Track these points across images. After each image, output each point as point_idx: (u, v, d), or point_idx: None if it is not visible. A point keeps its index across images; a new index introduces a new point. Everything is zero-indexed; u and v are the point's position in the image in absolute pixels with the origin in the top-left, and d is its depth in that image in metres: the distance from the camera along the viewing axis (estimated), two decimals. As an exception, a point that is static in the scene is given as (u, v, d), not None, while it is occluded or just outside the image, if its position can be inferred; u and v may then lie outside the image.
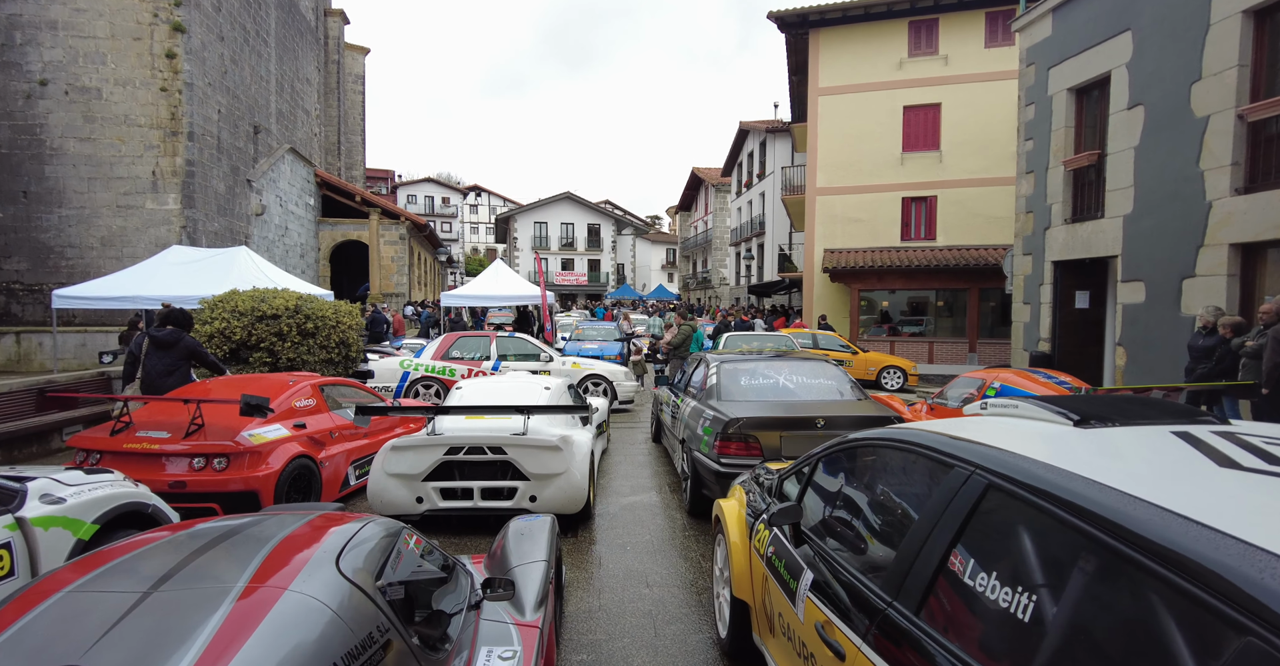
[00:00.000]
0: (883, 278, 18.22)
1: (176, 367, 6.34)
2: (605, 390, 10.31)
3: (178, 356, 6.36)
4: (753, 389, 5.39)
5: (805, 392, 5.34)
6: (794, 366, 5.67)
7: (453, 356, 9.98)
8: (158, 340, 6.35)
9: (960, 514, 1.55)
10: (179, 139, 17.17)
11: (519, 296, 17.20)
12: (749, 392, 5.35)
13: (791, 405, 5.12)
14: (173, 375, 6.28)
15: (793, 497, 2.59)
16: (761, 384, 5.45)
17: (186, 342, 6.41)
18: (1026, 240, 11.90)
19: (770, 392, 5.38)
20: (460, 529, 5.03)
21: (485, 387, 5.99)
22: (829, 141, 19.66)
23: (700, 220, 46.79)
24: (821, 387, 5.40)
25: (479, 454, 4.84)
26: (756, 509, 2.91)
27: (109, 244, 16.94)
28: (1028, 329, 11.91)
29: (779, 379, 5.48)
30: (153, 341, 6.38)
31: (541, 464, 4.81)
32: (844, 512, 2.25)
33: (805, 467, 2.61)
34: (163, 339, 6.34)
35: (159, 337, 6.35)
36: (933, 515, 1.65)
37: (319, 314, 9.73)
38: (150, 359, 6.35)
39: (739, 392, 5.35)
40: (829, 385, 5.44)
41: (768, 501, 2.83)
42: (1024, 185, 11.97)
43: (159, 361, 6.31)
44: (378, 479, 4.92)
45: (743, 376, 5.53)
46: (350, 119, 46.54)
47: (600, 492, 6.09)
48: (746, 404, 5.09)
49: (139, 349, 6.54)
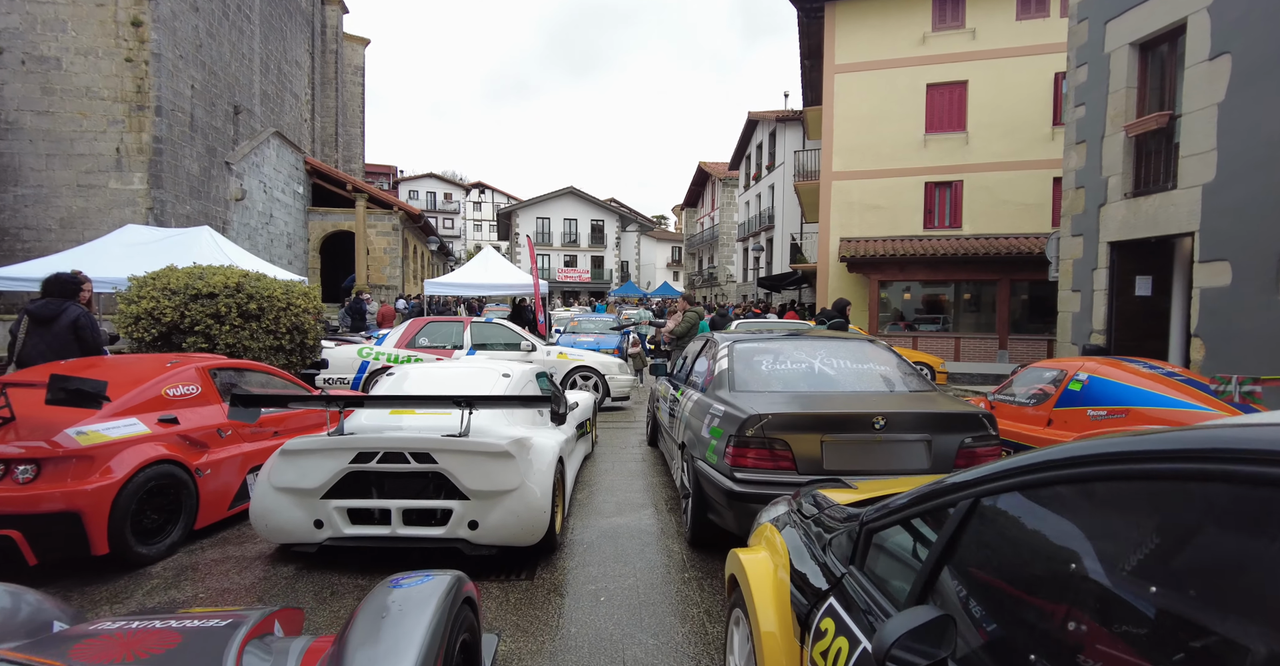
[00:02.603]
0: (904, 268, 16.81)
1: (63, 347, 5.15)
2: (596, 384, 8.97)
3: (62, 334, 5.16)
4: (778, 376, 4.05)
5: (850, 381, 3.98)
6: (831, 347, 4.31)
7: (419, 345, 8.66)
8: (36, 314, 5.17)
9: None
10: (145, 114, 15.94)
11: (510, 286, 15.89)
12: (773, 380, 4.01)
13: (834, 397, 3.78)
14: (59, 357, 5.04)
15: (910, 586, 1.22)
16: (790, 370, 4.09)
17: (70, 314, 5.19)
18: (1076, 220, 10.50)
19: (802, 380, 4.03)
20: (376, 564, 3.69)
21: (426, 375, 4.66)
22: (846, 123, 18.28)
23: (706, 216, 45.42)
24: (871, 375, 4.04)
25: (399, 462, 3.51)
26: (814, 585, 1.56)
27: (69, 226, 15.72)
28: (1077, 320, 10.51)
29: (813, 363, 4.12)
30: (31, 317, 5.21)
31: (484, 476, 3.48)
32: (1077, 627, 0.89)
33: (946, 508, 1.26)
34: (40, 312, 5.15)
35: (36, 311, 5.17)
36: None
37: (265, 294, 8.43)
38: (30, 339, 5.18)
39: (759, 380, 4.01)
40: (881, 371, 4.09)
41: (840, 573, 1.49)
42: (1073, 158, 10.58)
43: (39, 341, 5.14)
44: (262, 495, 3.60)
45: (764, 359, 4.18)
46: (349, 111, 45.55)
47: (577, 510, 4.74)
48: (770, 396, 3.76)
49: (18, 328, 5.34)
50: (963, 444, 3.31)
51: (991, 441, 3.36)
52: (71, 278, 5.50)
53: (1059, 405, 5.15)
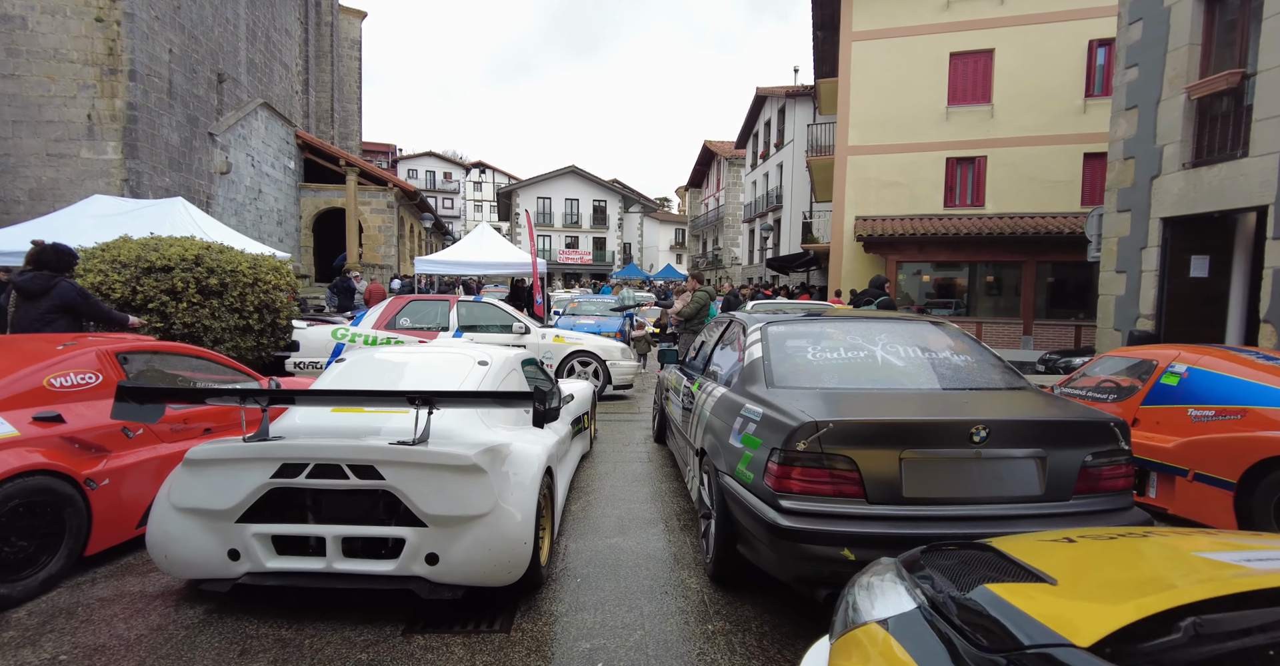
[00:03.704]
0: (924, 248, 15.88)
1: (51, 323, 4.84)
2: (596, 371, 8.14)
3: (51, 309, 4.85)
4: (830, 368, 3.13)
5: (924, 375, 3.10)
6: (892, 330, 3.39)
7: (400, 326, 7.81)
8: (23, 288, 4.86)
9: None
10: (118, 78, 14.95)
11: (507, 264, 15.01)
12: (823, 374, 3.10)
13: (911, 398, 2.92)
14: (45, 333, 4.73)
15: None
16: (845, 360, 3.17)
17: (61, 289, 4.87)
18: (1123, 194, 9.57)
19: (863, 374, 3.11)
20: (307, 607, 2.88)
21: (384, 362, 3.81)
22: (863, 95, 17.22)
23: (711, 197, 44.29)
24: (949, 366, 3.17)
25: (335, 477, 2.69)
26: None
27: (39, 198, 14.81)
28: (1121, 304, 9.63)
29: (873, 351, 3.21)
30: (19, 291, 4.92)
31: (446, 497, 2.67)
32: None
33: None
34: (28, 286, 4.83)
35: (23, 285, 4.86)
36: None
37: (228, 268, 7.58)
38: (19, 314, 4.91)
39: (805, 374, 3.11)
40: (961, 362, 3.21)
41: None
42: (1122, 125, 9.62)
43: (27, 316, 4.85)
44: (161, 518, 2.80)
45: (809, 346, 3.28)
46: (346, 86, 44.43)
47: (571, 526, 3.93)
48: (824, 395, 2.88)
49: (6, 301, 5.18)
50: (1085, 463, 2.48)
51: (1121, 458, 2.53)
52: (66, 249, 5.12)
53: (1148, 402, 4.31)
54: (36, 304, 4.85)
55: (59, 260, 5.02)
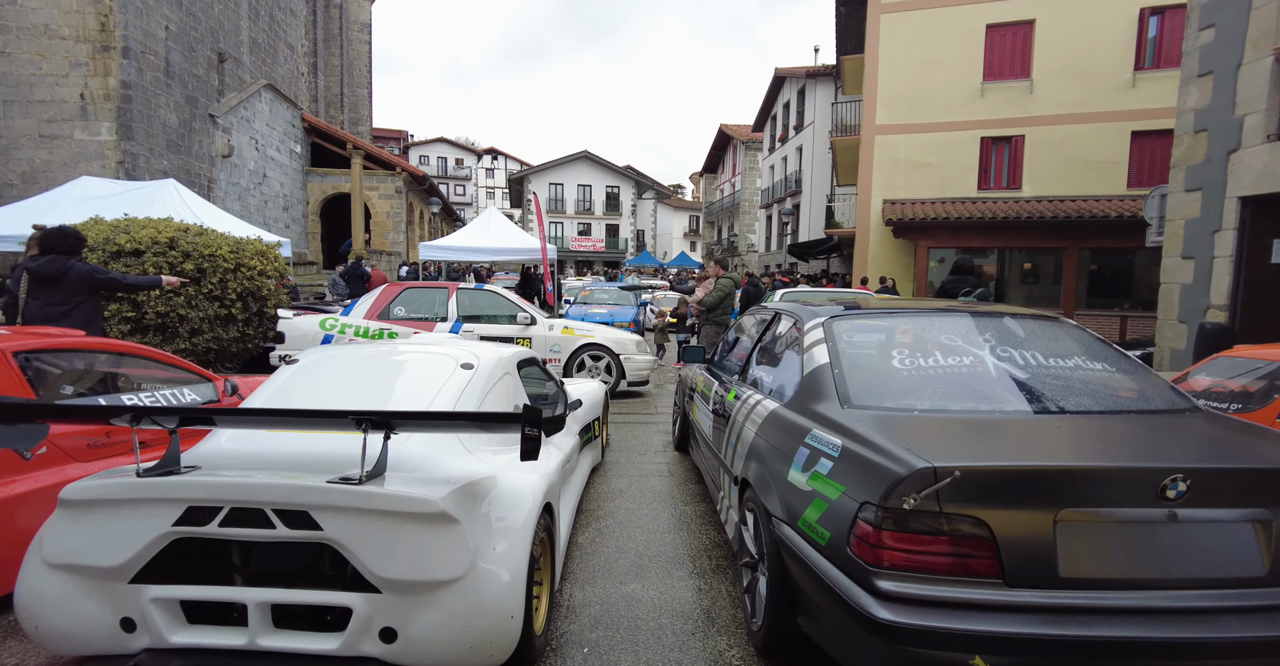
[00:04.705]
0: (957, 233, 14.95)
1: (73, 306, 4.84)
2: (608, 366, 7.41)
3: (71, 291, 4.83)
4: (926, 381, 2.31)
5: (1061, 392, 2.29)
6: (999, 328, 2.57)
7: (395, 315, 7.12)
8: (37, 273, 4.78)
9: None
10: (111, 55, 14.32)
11: (515, 250, 14.29)
12: (918, 389, 2.29)
13: (1055, 428, 2.09)
14: (69, 317, 4.75)
15: None
16: (944, 370, 2.34)
17: (77, 271, 4.84)
18: (1193, 171, 8.65)
19: (975, 391, 2.27)
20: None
21: (346, 364, 3.08)
22: (892, 71, 16.23)
23: (727, 182, 43.22)
24: (1093, 381, 2.38)
25: (258, 526, 1.99)
26: None
27: (32, 180, 14.26)
28: (1188, 293, 8.74)
29: (981, 355, 2.38)
30: (32, 277, 4.81)
31: (404, 555, 1.97)
32: None
33: None
34: (42, 271, 4.76)
35: (37, 270, 4.77)
36: None
37: (206, 252, 6.92)
38: (34, 300, 4.82)
39: (893, 388, 2.32)
40: (1106, 375, 2.42)
41: None
42: (1192, 95, 8.68)
43: (46, 301, 4.81)
44: (32, 577, 2.13)
45: (893, 349, 2.50)
46: (356, 70, 43.81)
47: (576, 564, 3.22)
48: (936, 425, 2.08)
49: (18, 287, 4.92)
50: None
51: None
52: (72, 232, 5.02)
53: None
54: (54, 290, 4.80)
55: (66, 243, 4.93)
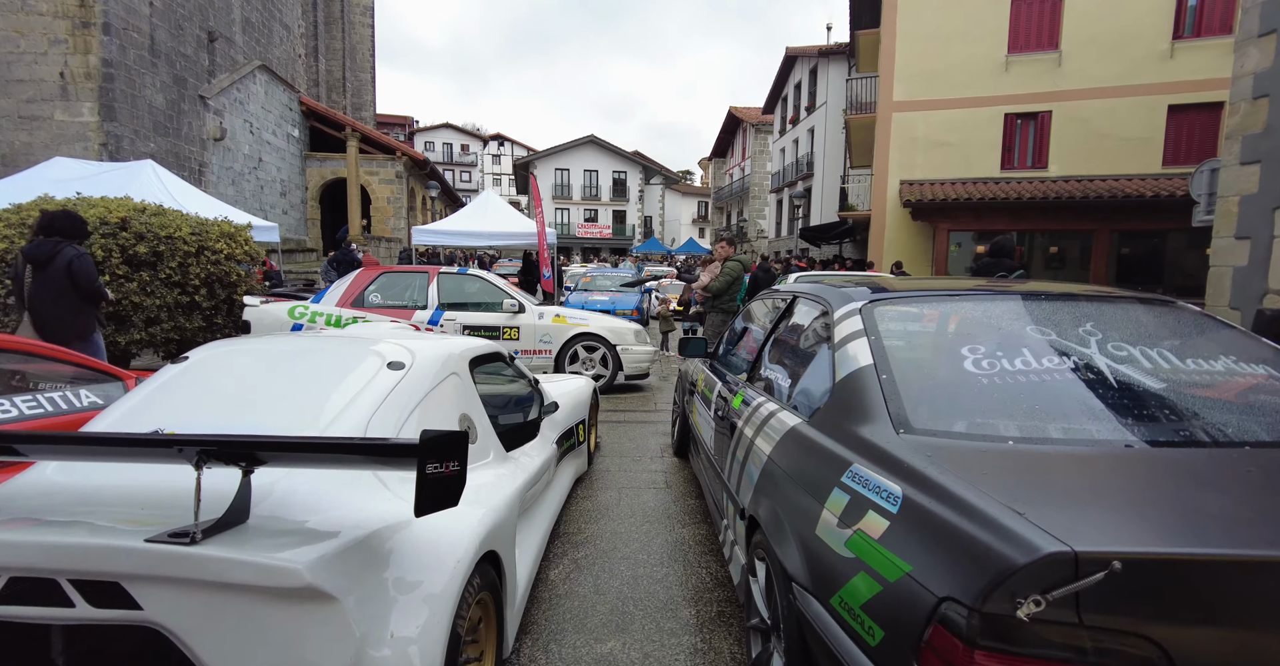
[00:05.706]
0: (980, 216, 14.16)
1: (60, 294, 4.67)
2: (604, 358, 6.77)
3: (57, 279, 4.65)
4: (1022, 396, 1.52)
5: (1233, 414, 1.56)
6: (1100, 315, 1.85)
7: (370, 303, 6.51)
8: (31, 255, 4.69)
9: None
10: (92, 32, 13.70)
11: (515, 235, 13.63)
12: (1014, 408, 1.49)
13: (1254, 474, 1.32)
14: (59, 304, 4.65)
15: None
16: (1039, 375, 1.55)
17: (64, 256, 4.67)
18: (1250, 142, 7.86)
19: (1106, 413, 1.47)
20: None
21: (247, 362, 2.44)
22: (910, 44, 15.35)
23: (736, 166, 42.26)
24: (1252, 390, 1.68)
25: (52, 603, 1.36)
26: None
27: (11, 163, 13.70)
28: (1241, 277, 7.98)
29: (1087, 352, 1.64)
30: (28, 260, 4.71)
31: (254, 649, 1.32)
32: None
33: None
34: (35, 253, 4.67)
35: (31, 252, 4.70)
36: None
37: (163, 234, 6.32)
38: (34, 287, 4.69)
39: (968, 404, 1.56)
40: (1267, 381, 1.69)
41: None
42: (1251, 56, 7.87)
43: (42, 288, 4.65)
44: None
45: (962, 348, 1.70)
46: (359, 54, 43.09)
47: (543, 607, 2.60)
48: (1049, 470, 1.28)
49: (22, 269, 4.79)
50: None
51: None
52: (76, 215, 4.87)
53: None
54: (45, 274, 4.65)
55: (72, 226, 4.80)
